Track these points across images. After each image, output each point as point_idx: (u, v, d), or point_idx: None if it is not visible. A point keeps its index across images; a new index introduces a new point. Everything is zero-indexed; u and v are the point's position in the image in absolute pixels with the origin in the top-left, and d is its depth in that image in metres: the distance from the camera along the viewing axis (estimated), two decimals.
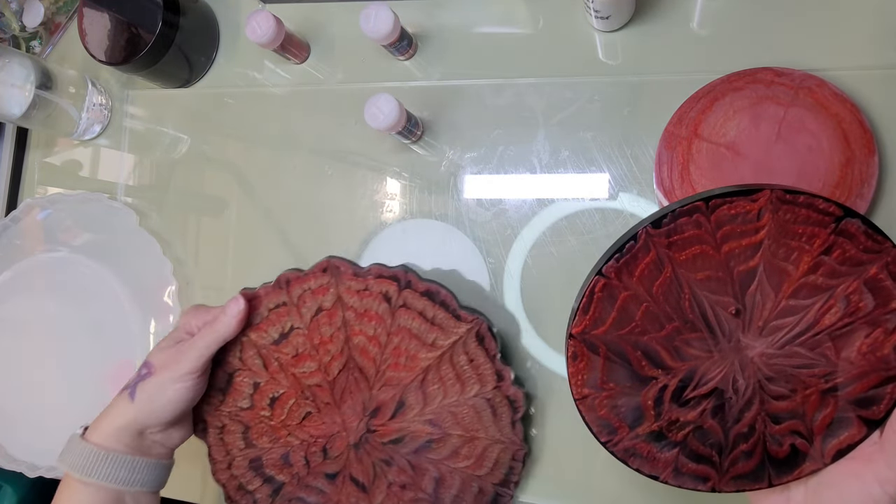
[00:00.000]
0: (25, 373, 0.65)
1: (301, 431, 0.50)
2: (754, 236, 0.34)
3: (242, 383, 0.50)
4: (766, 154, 0.46)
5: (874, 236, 0.34)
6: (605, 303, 0.36)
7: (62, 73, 0.64)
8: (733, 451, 0.37)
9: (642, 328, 0.36)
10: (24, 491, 0.85)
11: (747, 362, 0.36)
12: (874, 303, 0.34)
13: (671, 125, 0.49)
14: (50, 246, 0.65)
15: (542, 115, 0.54)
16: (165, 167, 0.65)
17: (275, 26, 0.54)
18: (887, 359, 0.35)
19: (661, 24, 0.52)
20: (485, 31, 0.56)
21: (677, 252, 0.35)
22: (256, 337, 0.49)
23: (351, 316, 0.48)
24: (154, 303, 0.62)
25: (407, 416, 0.48)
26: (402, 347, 0.48)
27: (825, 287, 0.35)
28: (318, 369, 0.49)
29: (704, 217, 0.35)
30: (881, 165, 0.46)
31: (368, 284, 0.48)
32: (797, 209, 0.34)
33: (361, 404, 0.49)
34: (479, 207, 0.55)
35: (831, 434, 0.36)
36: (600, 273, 0.36)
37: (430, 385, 0.48)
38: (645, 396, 0.37)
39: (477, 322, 0.47)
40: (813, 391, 0.36)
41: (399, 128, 0.52)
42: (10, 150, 0.71)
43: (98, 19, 0.60)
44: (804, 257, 0.34)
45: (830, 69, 0.47)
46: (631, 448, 0.38)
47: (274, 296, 0.49)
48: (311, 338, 0.49)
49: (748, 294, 0.35)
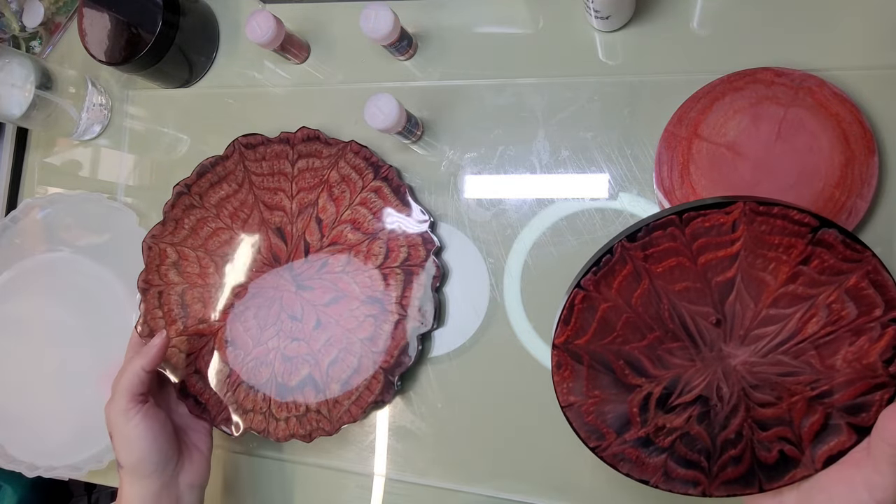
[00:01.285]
0: (24, 373, 0.65)
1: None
2: (730, 248, 0.35)
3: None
4: (766, 154, 0.46)
5: (853, 245, 0.34)
6: (585, 314, 0.37)
7: (62, 73, 0.64)
8: (722, 456, 0.37)
9: (624, 338, 0.37)
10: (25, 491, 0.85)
11: (730, 370, 0.37)
12: (857, 311, 0.34)
13: (671, 125, 0.49)
14: (50, 246, 0.65)
15: (542, 115, 0.54)
16: (165, 167, 0.65)
17: (275, 26, 0.54)
18: (874, 366, 0.35)
19: (661, 24, 0.52)
20: (485, 31, 0.56)
21: (654, 264, 0.36)
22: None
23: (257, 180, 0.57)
24: None
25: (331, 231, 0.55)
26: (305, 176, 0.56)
27: (805, 297, 0.35)
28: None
29: (679, 230, 0.35)
30: (881, 165, 0.46)
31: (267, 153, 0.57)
32: (772, 220, 0.34)
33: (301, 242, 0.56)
34: (479, 207, 0.55)
35: (821, 441, 0.36)
36: (579, 286, 0.37)
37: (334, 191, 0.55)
38: (630, 404, 0.38)
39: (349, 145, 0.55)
40: (799, 398, 0.36)
41: (399, 128, 0.52)
42: (9, 150, 0.71)
43: (98, 19, 0.60)
44: (782, 267, 0.35)
45: (830, 69, 0.47)
46: (619, 453, 0.39)
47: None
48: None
49: (727, 304, 0.36)
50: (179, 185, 0.58)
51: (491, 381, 0.53)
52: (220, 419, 0.55)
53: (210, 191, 0.58)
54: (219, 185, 0.58)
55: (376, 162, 0.54)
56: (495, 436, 0.53)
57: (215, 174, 0.58)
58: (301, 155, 0.56)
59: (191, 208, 0.58)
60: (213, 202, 0.58)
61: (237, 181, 0.57)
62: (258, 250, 0.56)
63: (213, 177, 0.58)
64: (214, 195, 0.58)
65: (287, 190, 0.56)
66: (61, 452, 0.62)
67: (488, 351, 0.54)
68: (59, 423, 0.64)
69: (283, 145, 0.56)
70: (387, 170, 0.54)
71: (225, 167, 0.57)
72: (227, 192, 0.57)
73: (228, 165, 0.57)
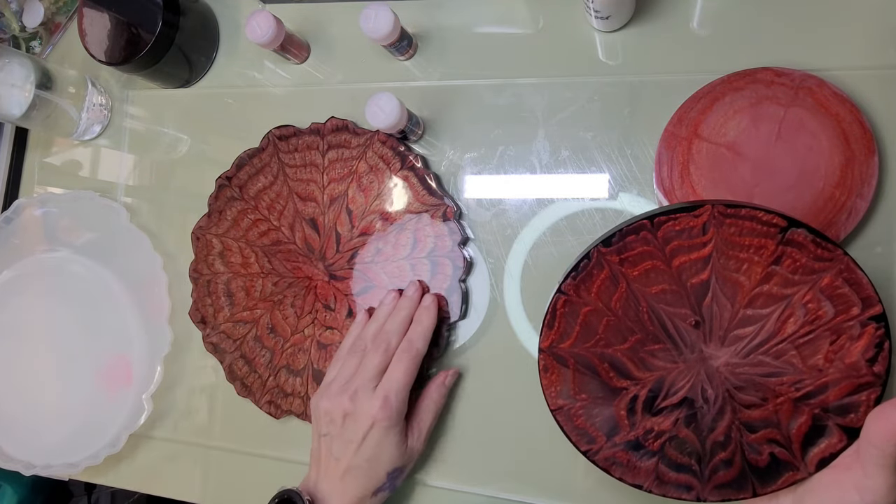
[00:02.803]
0: (20, 371, 0.65)
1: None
2: (702, 250, 0.36)
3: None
4: (766, 154, 0.46)
5: (823, 245, 0.34)
6: (568, 318, 0.38)
7: (62, 73, 0.64)
8: (712, 459, 0.38)
9: (606, 341, 0.38)
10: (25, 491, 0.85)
11: (713, 372, 0.37)
12: (834, 310, 0.35)
13: (671, 125, 0.49)
14: (48, 245, 0.65)
15: (542, 115, 0.54)
16: (165, 167, 0.65)
17: (275, 26, 0.54)
18: (857, 366, 0.35)
19: (661, 24, 0.52)
20: (485, 31, 0.56)
21: (629, 268, 0.37)
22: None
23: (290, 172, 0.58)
24: (147, 298, 0.62)
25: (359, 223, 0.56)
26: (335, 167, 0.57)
27: (780, 296, 0.35)
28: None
29: (651, 234, 0.36)
30: (881, 165, 0.46)
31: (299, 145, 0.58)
32: (741, 222, 0.35)
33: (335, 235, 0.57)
34: (479, 207, 0.55)
35: (811, 443, 0.36)
36: (560, 290, 0.38)
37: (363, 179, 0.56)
38: (617, 406, 0.38)
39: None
40: (784, 399, 0.36)
41: (400, 127, 0.52)
42: (8, 150, 0.71)
43: (98, 19, 0.60)
44: (755, 268, 0.35)
45: (830, 69, 0.47)
46: (611, 457, 0.39)
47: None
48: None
49: (705, 306, 0.36)
50: (221, 178, 0.60)
51: (491, 380, 0.53)
52: (263, 402, 0.58)
53: (248, 183, 0.59)
54: (256, 178, 0.59)
55: (403, 151, 0.55)
56: (495, 436, 0.53)
57: (252, 166, 0.59)
58: (331, 146, 0.57)
59: (232, 200, 0.60)
60: (252, 194, 0.59)
61: (272, 173, 0.58)
62: (293, 241, 0.58)
63: (251, 169, 0.59)
64: (253, 187, 0.59)
65: (318, 181, 0.57)
66: (58, 451, 0.62)
67: (488, 351, 0.54)
68: (56, 421, 0.64)
69: (314, 136, 0.57)
70: (413, 158, 0.54)
71: (261, 159, 0.59)
72: (264, 183, 0.59)
73: (264, 157, 0.58)
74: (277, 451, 0.59)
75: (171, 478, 0.62)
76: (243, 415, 0.60)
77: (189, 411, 0.62)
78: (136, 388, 0.60)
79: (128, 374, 0.61)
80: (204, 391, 0.62)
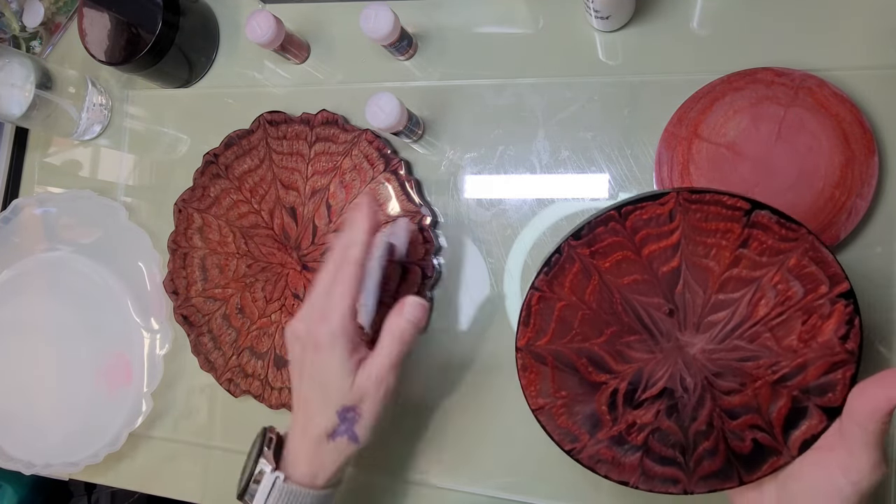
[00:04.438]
0: (20, 370, 0.65)
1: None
2: (670, 238, 0.36)
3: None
4: (766, 154, 0.46)
5: (787, 225, 0.35)
6: (543, 314, 0.38)
7: (62, 73, 0.64)
8: (696, 450, 0.37)
9: (583, 335, 0.38)
10: (25, 491, 0.85)
11: (691, 360, 0.37)
12: (803, 290, 0.35)
13: (671, 125, 0.49)
14: (49, 244, 0.65)
15: (542, 115, 0.54)
16: (165, 167, 0.65)
17: (275, 26, 0.54)
18: (830, 344, 0.35)
19: (661, 24, 0.52)
20: (485, 31, 0.56)
21: (600, 260, 0.37)
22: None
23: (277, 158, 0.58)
24: (147, 296, 0.62)
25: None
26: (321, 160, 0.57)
27: (750, 279, 0.36)
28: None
29: (619, 224, 0.36)
30: (881, 165, 0.46)
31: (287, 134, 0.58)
32: (706, 207, 0.35)
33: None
34: (479, 207, 0.55)
35: (792, 426, 0.36)
36: (534, 287, 0.38)
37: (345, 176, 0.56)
38: (598, 402, 0.38)
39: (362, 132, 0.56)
40: (762, 383, 0.36)
41: (400, 127, 0.52)
42: (8, 150, 0.71)
43: (98, 19, 0.60)
44: (723, 252, 0.36)
45: (830, 69, 0.47)
46: (595, 454, 0.39)
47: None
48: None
49: (677, 293, 0.37)
50: (208, 154, 0.60)
51: (490, 380, 0.53)
52: (224, 379, 0.59)
53: (235, 163, 0.59)
54: (243, 159, 0.59)
55: (388, 154, 0.55)
56: (494, 435, 0.53)
57: (241, 147, 0.59)
58: (319, 138, 0.57)
59: (216, 178, 0.60)
60: (237, 174, 0.59)
61: (259, 157, 0.59)
62: (272, 227, 0.58)
63: (239, 150, 0.59)
64: (238, 168, 0.59)
65: (302, 171, 0.57)
66: (59, 450, 0.62)
67: (487, 351, 0.54)
68: (56, 420, 0.64)
69: (303, 126, 0.57)
70: (396, 163, 0.55)
71: (250, 141, 0.59)
72: (250, 165, 0.59)
73: (253, 140, 0.59)
74: None
75: (171, 478, 0.62)
76: (243, 415, 0.60)
77: (189, 411, 0.62)
78: (135, 386, 0.60)
79: (127, 373, 0.61)
80: (204, 391, 0.62)
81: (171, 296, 0.61)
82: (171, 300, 0.61)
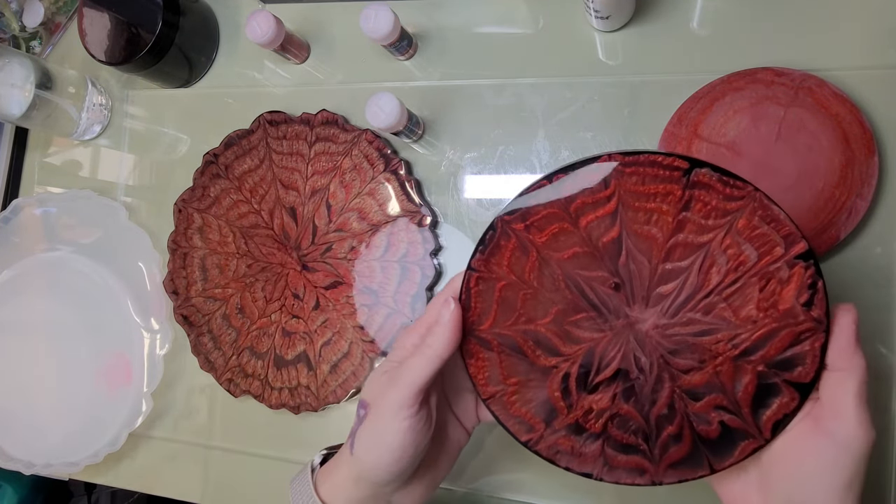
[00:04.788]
0: (20, 370, 0.65)
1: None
2: (607, 205, 0.34)
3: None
4: (766, 154, 0.46)
5: (731, 182, 0.32)
6: (483, 296, 0.36)
7: (62, 73, 0.64)
8: (660, 435, 0.35)
9: (527, 316, 0.36)
10: (25, 491, 0.85)
11: (643, 337, 0.35)
12: (757, 253, 0.32)
13: (671, 125, 0.49)
14: (49, 244, 0.65)
15: (542, 115, 0.54)
16: (165, 167, 0.65)
17: (275, 26, 0.54)
18: (793, 312, 0.32)
19: (661, 24, 0.52)
20: (485, 31, 0.56)
21: (536, 234, 0.35)
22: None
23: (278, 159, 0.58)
24: (147, 296, 0.62)
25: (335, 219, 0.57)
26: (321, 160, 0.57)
27: (697, 245, 0.33)
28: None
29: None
30: (881, 165, 0.46)
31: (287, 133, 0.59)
32: (641, 169, 0.33)
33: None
34: (479, 207, 0.55)
35: (761, 404, 0.33)
36: (470, 267, 0.36)
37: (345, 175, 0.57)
38: (550, 388, 0.36)
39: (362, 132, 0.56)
40: (723, 359, 0.34)
41: (400, 127, 0.52)
42: (8, 150, 0.71)
43: (98, 19, 0.60)
44: (665, 218, 0.33)
45: (830, 69, 0.47)
46: (553, 445, 0.36)
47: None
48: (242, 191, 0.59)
49: (621, 265, 0.34)
50: (208, 154, 0.60)
51: None
52: (224, 379, 0.59)
53: (235, 163, 0.59)
54: (243, 159, 0.59)
55: (388, 154, 0.55)
56: (493, 435, 0.53)
57: (241, 147, 0.59)
58: (319, 138, 0.57)
59: (216, 178, 0.60)
60: (237, 174, 0.59)
61: (259, 156, 0.59)
62: (271, 227, 0.58)
63: (239, 150, 0.59)
64: (238, 167, 0.59)
65: (302, 171, 0.57)
66: (59, 450, 0.62)
67: None
68: (56, 420, 0.64)
69: (303, 126, 0.58)
70: (396, 163, 0.55)
71: (250, 141, 0.59)
72: (250, 165, 0.59)
73: (253, 140, 0.59)
74: (277, 451, 0.59)
75: (171, 478, 0.62)
76: (243, 415, 0.60)
77: (189, 411, 0.62)
78: (135, 386, 0.60)
79: (127, 373, 0.61)
80: (204, 391, 0.62)
81: (171, 296, 0.61)
82: (171, 300, 0.61)
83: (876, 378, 0.46)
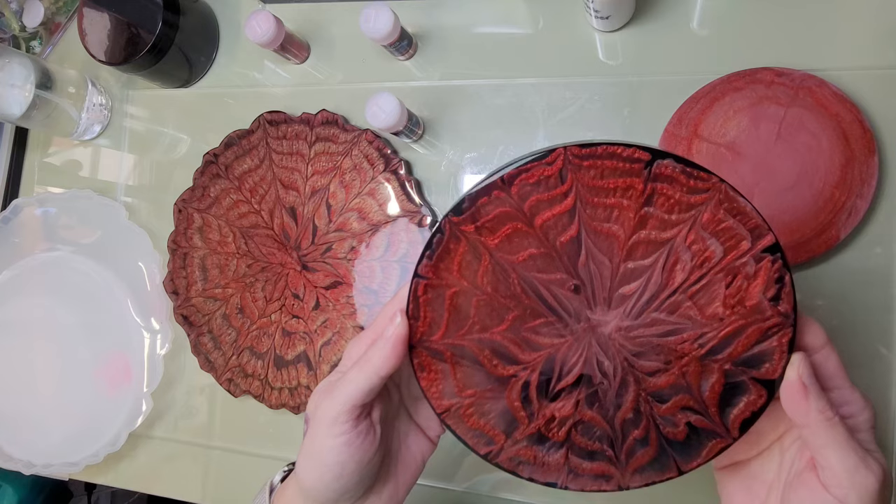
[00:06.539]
0: (20, 370, 0.65)
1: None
2: (564, 202, 0.32)
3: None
4: (766, 154, 0.46)
5: (695, 174, 0.31)
6: (433, 305, 0.34)
7: (62, 73, 0.64)
8: (626, 440, 0.34)
9: (482, 324, 0.34)
10: (25, 491, 0.85)
11: (606, 340, 0.33)
12: (723, 248, 0.31)
13: (671, 125, 0.49)
14: (49, 244, 0.65)
15: (542, 115, 0.54)
16: (165, 167, 0.65)
17: (275, 26, 0.54)
18: (760, 308, 0.31)
19: (661, 24, 0.52)
20: (485, 31, 0.56)
21: (488, 236, 0.33)
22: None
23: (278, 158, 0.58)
24: (146, 296, 0.62)
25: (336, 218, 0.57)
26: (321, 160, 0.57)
27: (660, 241, 0.32)
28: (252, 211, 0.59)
29: (504, 192, 0.32)
30: (881, 165, 0.46)
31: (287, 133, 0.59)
32: (600, 162, 0.31)
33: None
34: None
35: (728, 403, 0.33)
36: (417, 274, 0.33)
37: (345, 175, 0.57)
38: (509, 398, 0.34)
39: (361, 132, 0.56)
40: (689, 359, 0.32)
41: (400, 127, 0.52)
42: (8, 150, 0.71)
43: (98, 19, 0.60)
44: (626, 214, 0.32)
45: (830, 69, 0.47)
46: (515, 457, 0.35)
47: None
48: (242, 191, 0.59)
49: (580, 266, 0.32)
50: (208, 154, 0.60)
51: None
52: (224, 379, 0.59)
53: (235, 163, 0.60)
54: (243, 159, 0.59)
55: (388, 154, 0.55)
56: None
57: (241, 147, 0.59)
58: (319, 138, 0.57)
59: (216, 178, 0.60)
60: (237, 174, 0.59)
61: (259, 157, 0.59)
62: (271, 227, 0.58)
63: (239, 150, 0.59)
64: (238, 167, 0.59)
65: (302, 171, 0.57)
66: (59, 450, 0.62)
67: None
68: (56, 420, 0.64)
69: (303, 126, 0.58)
70: (396, 163, 0.55)
71: (250, 141, 0.59)
72: (250, 166, 0.59)
73: (253, 140, 0.59)
74: (277, 451, 0.59)
75: (171, 478, 0.62)
76: (243, 415, 0.60)
77: (189, 411, 0.62)
78: (135, 386, 0.60)
79: (127, 373, 0.61)
80: (204, 391, 0.62)
81: (171, 296, 0.61)
82: (171, 300, 0.61)
83: (876, 378, 0.46)
